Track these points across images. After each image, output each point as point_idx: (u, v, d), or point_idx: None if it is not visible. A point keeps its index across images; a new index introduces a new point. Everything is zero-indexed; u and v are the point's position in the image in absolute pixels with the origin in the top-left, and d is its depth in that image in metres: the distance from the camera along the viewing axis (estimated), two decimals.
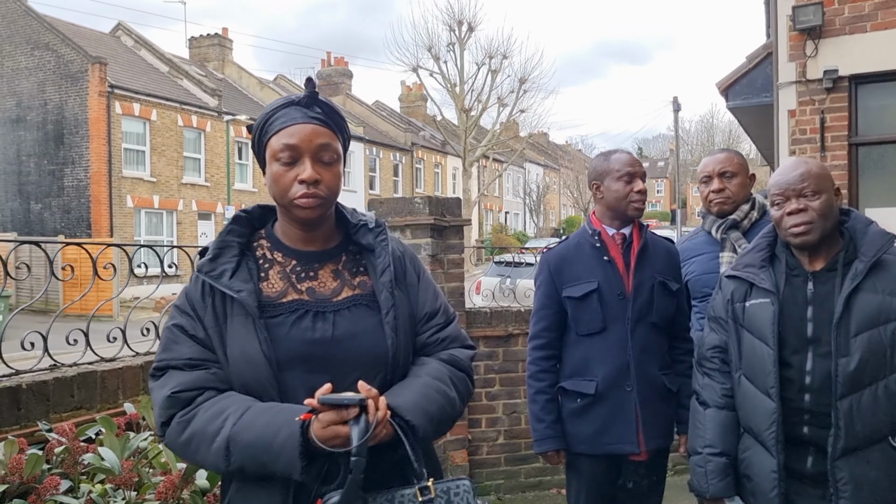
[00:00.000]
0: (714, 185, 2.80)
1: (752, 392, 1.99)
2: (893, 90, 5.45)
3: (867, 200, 5.47)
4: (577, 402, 2.50)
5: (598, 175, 2.57)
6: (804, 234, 1.90)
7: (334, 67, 36.83)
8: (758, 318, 1.97)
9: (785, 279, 1.98)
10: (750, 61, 6.33)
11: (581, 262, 2.53)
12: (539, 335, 2.59)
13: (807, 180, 1.91)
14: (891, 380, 1.86)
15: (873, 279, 1.87)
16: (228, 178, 21.21)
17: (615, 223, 2.55)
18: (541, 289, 2.60)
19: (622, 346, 2.47)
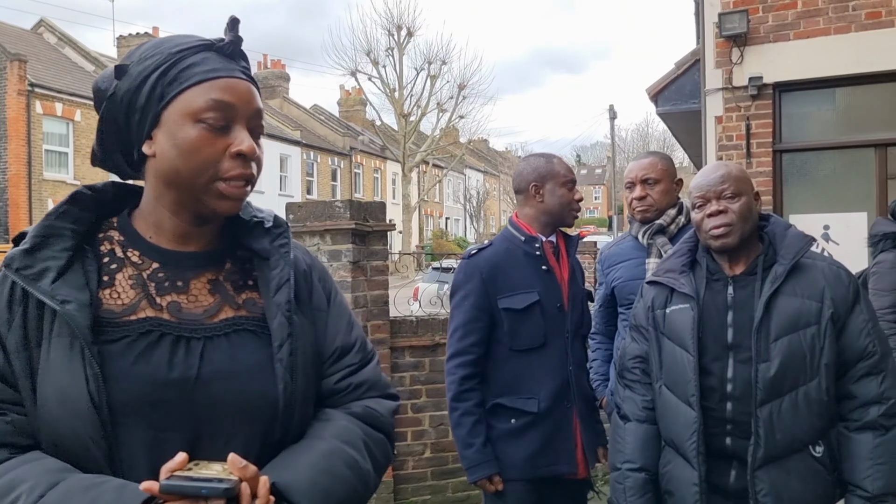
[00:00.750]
0: (636, 192, 2.72)
1: (674, 402, 1.91)
2: (815, 98, 5.54)
3: (791, 207, 5.54)
4: (511, 423, 2.30)
5: (539, 177, 2.39)
6: (723, 236, 1.85)
7: (270, 70, 36.14)
8: (678, 324, 1.91)
9: (705, 284, 1.93)
10: (678, 68, 6.36)
11: (517, 270, 2.34)
12: (467, 351, 2.33)
13: (727, 182, 1.87)
14: (810, 386, 1.81)
15: (793, 283, 1.84)
16: None
17: (547, 230, 2.41)
18: (469, 299, 2.34)
19: (562, 362, 2.34)
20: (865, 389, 1.82)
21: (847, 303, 1.84)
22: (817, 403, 1.80)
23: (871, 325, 1.85)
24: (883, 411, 1.80)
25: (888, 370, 1.85)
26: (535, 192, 2.39)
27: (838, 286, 1.85)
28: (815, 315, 1.82)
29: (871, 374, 1.83)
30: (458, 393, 2.32)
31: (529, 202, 2.41)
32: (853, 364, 1.84)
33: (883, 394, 1.82)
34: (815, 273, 1.87)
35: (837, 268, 1.90)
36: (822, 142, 5.50)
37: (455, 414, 2.32)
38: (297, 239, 4.52)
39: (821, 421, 1.81)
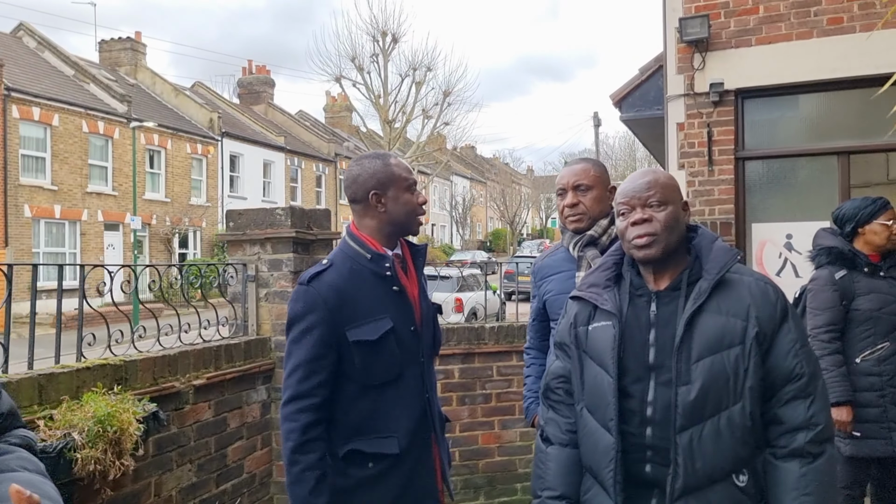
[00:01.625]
0: (568, 199, 2.59)
1: (593, 426, 1.79)
2: (778, 105, 5.44)
3: (753, 215, 5.43)
4: (368, 468, 2.02)
5: (380, 184, 2.08)
6: (647, 246, 1.74)
7: (256, 76, 36.00)
8: (599, 343, 1.80)
9: (629, 300, 1.81)
10: (643, 73, 6.26)
11: (365, 294, 2.03)
12: (310, 393, 1.97)
13: (653, 189, 1.77)
14: (734, 410, 1.68)
15: (717, 299, 1.72)
16: (135, 186, 20.23)
17: (392, 242, 2.12)
18: (312, 333, 1.98)
19: (419, 390, 2.11)
20: (793, 414, 1.70)
21: (774, 321, 1.73)
22: (741, 429, 1.67)
23: (799, 346, 1.73)
24: (810, 437, 1.68)
25: (817, 393, 1.73)
26: (376, 200, 2.08)
27: (765, 303, 1.73)
28: (740, 334, 1.70)
29: (798, 398, 1.71)
30: (299, 444, 1.95)
31: (370, 212, 2.09)
32: (780, 387, 1.72)
33: (811, 419, 1.70)
34: (741, 289, 1.75)
35: (765, 283, 1.78)
36: (785, 149, 5.39)
37: (295, 469, 1.94)
38: (237, 247, 4.40)
39: (745, 448, 1.69)
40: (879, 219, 3.37)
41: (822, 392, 1.74)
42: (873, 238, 3.37)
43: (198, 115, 27.83)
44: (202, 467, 3.54)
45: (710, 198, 5.41)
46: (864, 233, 3.40)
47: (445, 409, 4.82)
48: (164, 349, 3.50)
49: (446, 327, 4.82)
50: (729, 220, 5.30)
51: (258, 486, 4.01)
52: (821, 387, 1.74)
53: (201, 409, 3.53)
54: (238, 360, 3.86)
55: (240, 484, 3.85)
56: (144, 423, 2.85)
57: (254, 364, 3.94)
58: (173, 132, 25.45)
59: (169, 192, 25.27)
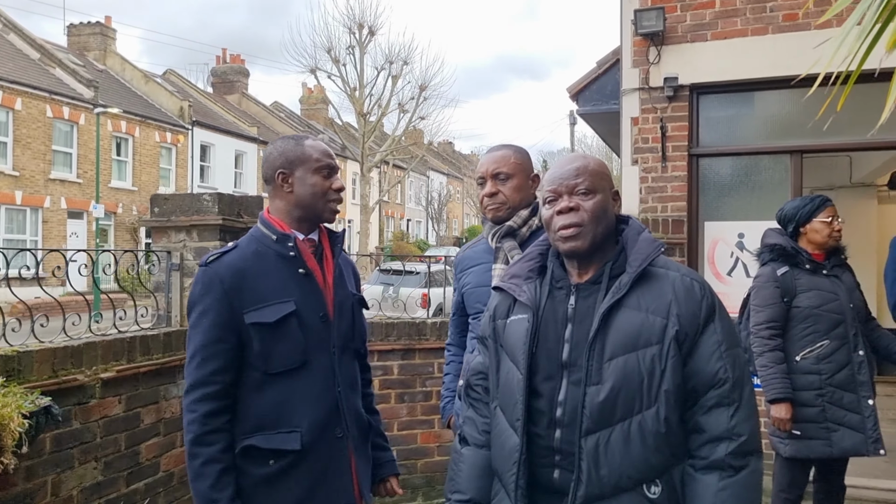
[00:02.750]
0: (487, 188, 2.45)
1: (503, 426, 1.67)
2: (733, 101, 5.34)
3: (706, 213, 5.33)
4: (269, 466, 1.89)
5: (287, 163, 1.99)
6: (573, 238, 1.63)
7: (230, 65, 35.51)
8: (513, 337, 1.69)
9: (548, 292, 1.69)
10: (600, 66, 6.14)
11: (267, 276, 1.93)
12: (209, 380, 1.86)
13: (581, 176, 1.66)
14: (646, 415, 1.54)
15: (638, 294, 1.60)
16: (98, 173, 19.79)
17: (304, 226, 2.02)
18: (208, 316, 1.88)
19: (329, 383, 1.97)
20: (715, 422, 1.56)
21: (697, 320, 1.59)
22: (653, 436, 1.54)
23: (724, 348, 1.59)
24: (732, 449, 1.54)
25: (742, 401, 1.58)
26: (282, 180, 1.99)
27: (688, 301, 1.59)
28: (658, 333, 1.57)
29: (721, 405, 1.57)
30: (200, 435, 1.84)
31: (279, 193, 2.01)
32: (703, 392, 1.57)
33: (733, 429, 1.56)
34: (665, 285, 1.62)
35: (691, 279, 1.64)
36: (739, 147, 5.29)
37: (196, 462, 1.83)
38: (162, 234, 4.20)
39: (658, 456, 1.55)
40: (819, 216, 3.34)
41: (748, 400, 1.59)
42: (815, 236, 3.35)
43: (168, 103, 27.35)
44: (110, 465, 3.34)
45: (663, 195, 5.30)
46: (805, 231, 3.38)
47: (382, 406, 4.69)
48: (68, 339, 3.30)
49: (385, 321, 4.66)
50: (681, 217, 5.19)
51: (177, 484, 3.81)
52: (747, 394, 1.60)
53: (110, 404, 3.33)
54: (156, 353, 3.66)
55: (154, 483, 3.65)
56: (33, 419, 2.66)
57: (174, 357, 3.75)
58: (142, 119, 24.99)
59: (136, 180, 24.81)
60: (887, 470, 4.67)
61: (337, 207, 2.04)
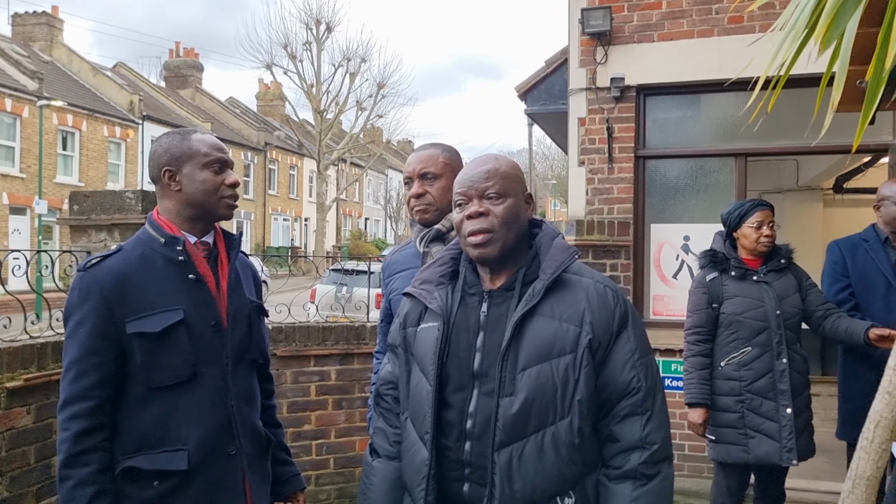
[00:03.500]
0: (414, 188, 2.32)
1: (413, 438, 1.61)
2: (679, 103, 5.32)
3: (652, 216, 5.30)
4: (153, 488, 1.75)
5: (174, 159, 1.85)
6: (482, 245, 1.56)
7: (183, 59, 34.78)
8: (423, 346, 1.62)
9: (460, 299, 1.63)
10: (548, 66, 6.07)
11: (154, 282, 1.79)
12: (84, 395, 1.72)
13: (492, 179, 1.59)
14: (560, 426, 1.51)
15: (552, 302, 1.56)
16: (40, 168, 19.13)
17: (197, 228, 1.88)
18: (85, 325, 1.73)
19: (220, 396, 1.83)
20: (629, 432, 1.55)
21: (610, 328, 1.55)
22: (567, 447, 1.51)
23: (637, 357, 1.56)
24: (645, 458, 1.53)
25: (654, 409, 1.56)
26: (169, 178, 1.86)
27: (601, 308, 1.56)
28: (572, 341, 1.53)
29: (635, 414, 1.55)
30: (72, 455, 1.69)
31: (167, 193, 1.87)
32: (616, 401, 1.56)
33: (646, 438, 1.54)
34: (578, 292, 1.57)
35: (605, 287, 1.59)
36: (685, 149, 5.27)
37: (67, 485, 1.68)
38: (81, 233, 3.97)
39: (571, 468, 1.52)
40: (747, 221, 3.31)
41: (661, 409, 1.58)
42: (744, 241, 3.34)
43: (117, 97, 26.62)
44: (17, 480, 3.12)
45: (610, 196, 5.25)
46: (738, 236, 3.35)
47: (320, 412, 4.53)
48: None
49: (323, 325, 4.50)
50: (627, 219, 5.14)
51: None
52: (659, 403, 1.58)
53: (17, 415, 3.11)
54: None
55: None
56: None
57: None
58: (89, 113, 24.26)
59: (83, 176, 24.08)
60: (828, 471, 4.68)
61: (233, 203, 1.90)
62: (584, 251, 4.93)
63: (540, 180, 45.08)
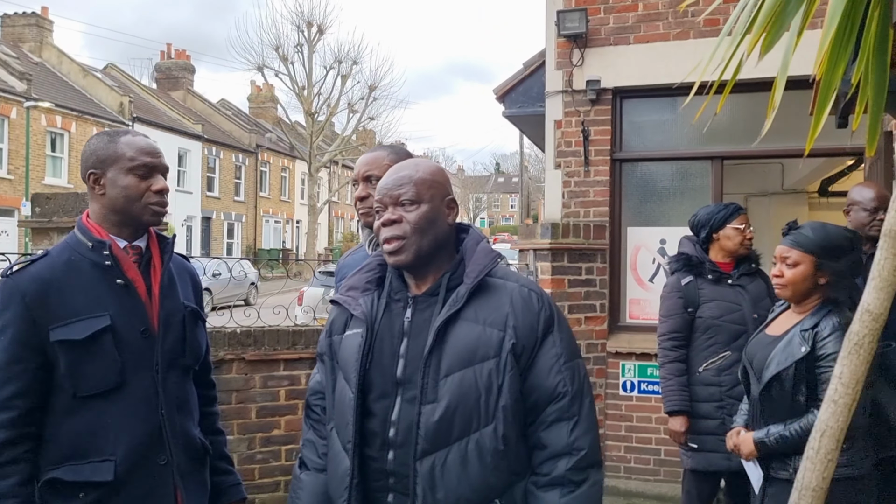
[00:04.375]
0: (359, 191, 2.29)
1: (337, 448, 1.59)
2: (655, 106, 5.29)
3: (629, 219, 5.27)
4: (79, 500, 1.71)
5: (99, 162, 1.82)
6: (395, 252, 1.56)
7: (174, 61, 34.68)
8: (346, 353, 1.61)
9: (385, 305, 1.61)
10: (526, 68, 6.04)
11: (79, 288, 1.75)
12: (5, 406, 1.68)
13: (406, 186, 1.58)
14: (484, 433, 1.49)
15: (475, 307, 1.54)
16: (27, 170, 19.02)
17: (125, 232, 1.84)
18: (6, 333, 1.71)
19: (150, 404, 1.79)
20: (556, 438, 1.53)
21: (534, 333, 1.53)
22: (492, 454, 1.49)
23: (562, 362, 1.54)
24: (572, 464, 1.51)
25: (581, 415, 1.54)
26: (94, 182, 1.82)
27: (525, 312, 1.55)
28: (496, 346, 1.51)
29: (562, 420, 1.53)
30: None
31: (93, 196, 1.84)
32: (543, 407, 1.54)
33: (573, 443, 1.51)
34: (502, 296, 1.55)
35: (529, 290, 1.57)
36: (661, 152, 5.25)
37: None
38: (43, 236, 3.91)
39: (498, 475, 1.50)
40: (732, 223, 3.30)
41: (588, 414, 1.57)
42: (727, 243, 3.30)
43: (107, 99, 26.51)
44: None
45: (586, 199, 5.22)
46: (718, 238, 3.34)
47: (290, 417, 4.47)
48: None
49: (293, 329, 4.45)
50: (604, 223, 5.11)
51: None
52: (586, 407, 1.56)
53: None
54: None
55: None
56: None
57: None
58: (78, 115, 24.16)
59: (72, 177, 23.95)
60: None
61: (159, 209, 1.84)
62: (560, 254, 4.89)
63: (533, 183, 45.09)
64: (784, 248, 2.47)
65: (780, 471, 2.41)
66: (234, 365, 4.19)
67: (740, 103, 5.06)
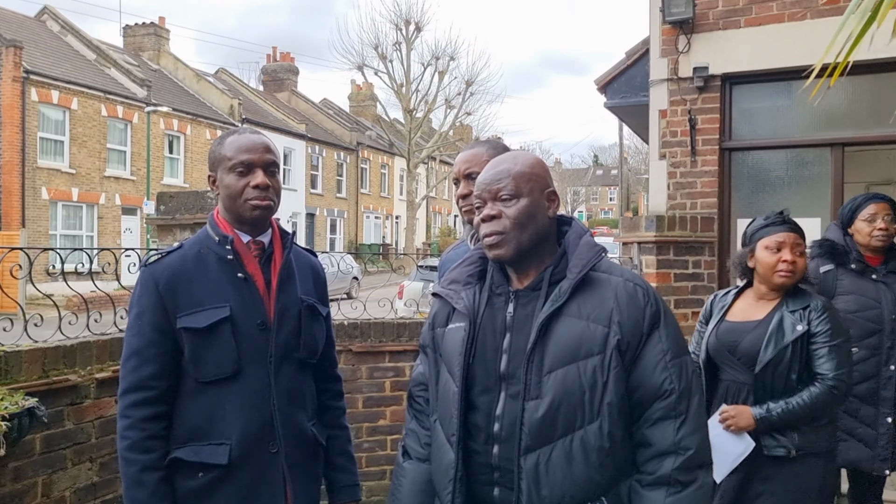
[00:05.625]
0: (460, 189, 2.30)
1: (441, 440, 1.60)
2: (768, 91, 5.04)
3: (739, 210, 5.04)
4: (197, 479, 1.81)
5: (212, 164, 1.93)
6: (495, 246, 1.55)
7: (280, 63, 36.02)
8: (450, 346, 1.61)
9: (487, 299, 1.61)
10: (629, 57, 5.89)
11: (205, 279, 1.85)
12: (143, 385, 1.80)
13: (504, 180, 1.57)
14: (589, 430, 1.47)
15: (579, 302, 1.52)
16: (148, 170, 20.26)
17: (244, 228, 1.91)
18: (143, 318, 1.82)
19: (263, 394, 1.86)
20: (661, 436, 1.49)
21: (640, 328, 1.50)
22: (597, 452, 1.47)
23: (669, 358, 1.50)
24: (679, 464, 1.48)
25: (689, 414, 1.49)
26: (212, 183, 1.94)
27: (631, 307, 1.51)
28: (600, 342, 1.48)
29: (668, 418, 1.49)
30: (137, 441, 1.77)
31: (217, 195, 1.96)
32: (649, 404, 1.50)
33: (679, 442, 1.48)
34: (607, 291, 1.52)
35: (635, 285, 1.54)
36: (774, 140, 5.00)
37: (133, 470, 1.76)
38: (167, 232, 4.16)
39: (603, 473, 1.48)
40: (860, 215, 3.08)
41: (696, 413, 1.52)
42: (858, 237, 3.10)
43: (219, 102, 27.86)
44: (106, 466, 3.32)
45: (693, 190, 5.05)
46: (852, 233, 3.12)
47: (395, 408, 4.58)
48: (64, 339, 3.28)
49: (397, 322, 4.55)
50: (711, 214, 4.93)
51: None
52: (694, 406, 1.51)
53: (106, 405, 3.30)
54: None
55: None
56: (14, 420, 2.63)
57: None
58: (193, 118, 25.51)
59: (188, 177, 25.34)
60: None
61: (260, 204, 1.87)
62: (666, 247, 4.75)
63: (632, 175, 43.95)
64: (796, 235, 2.53)
65: (775, 448, 2.44)
66: (341, 356, 4.31)
67: (863, 86, 4.75)
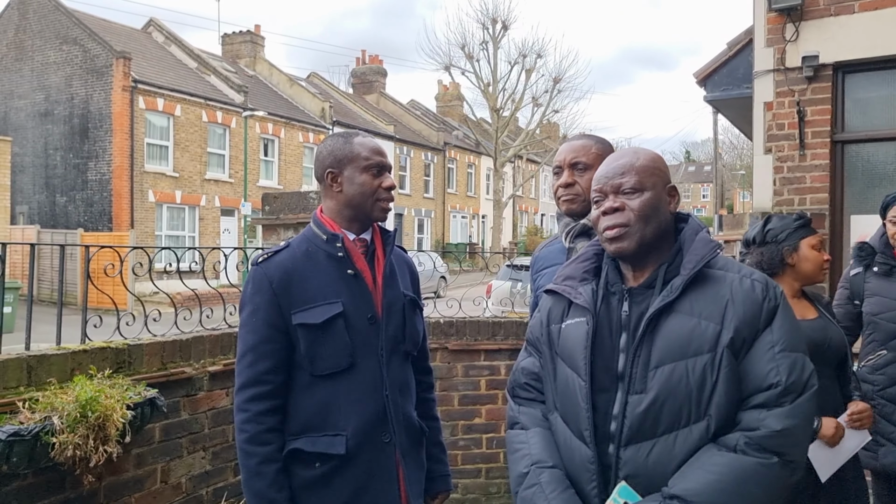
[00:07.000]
0: (563, 178, 2.26)
1: (568, 437, 1.57)
2: (886, 80, 4.74)
3: (853, 206, 4.77)
4: (315, 469, 1.87)
5: (336, 162, 1.96)
6: (617, 239, 1.53)
7: (369, 66, 36.74)
8: (570, 341, 1.58)
9: (602, 297, 1.59)
10: (730, 48, 5.67)
11: (316, 276, 1.91)
12: (260, 380, 1.86)
13: (628, 174, 1.56)
14: (694, 430, 1.43)
15: (691, 298, 1.49)
16: (246, 173, 21.06)
17: (355, 226, 1.98)
18: (258, 315, 1.88)
19: (376, 386, 1.91)
20: (749, 418, 1.42)
21: (756, 323, 1.45)
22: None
23: (777, 350, 1.44)
24: (751, 437, 1.40)
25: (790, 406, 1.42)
26: (331, 180, 1.97)
27: (747, 303, 1.46)
28: (711, 340, 1.44)
29: (764, 406, 1.42)
30: (255, 434, 1.84)
31: (329, 193, 1.99)
32: (751, 395, 1.44)
33: (763, 420, 1.41)
34: (721, 287, 1.49)
35: (752, 280, 1.50)
36: (892, 131, 4.70)
37: (252, 462, 1.83)
38: (272, 232, 4.32)
39: None
40: (888, 216, 3.01)
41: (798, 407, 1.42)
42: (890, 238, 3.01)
43: (311, 105, 28.68)
44: (217, 455, 3.47)
45: (801, 185, 4.81)
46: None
47: (490, 406, 4.58)
48: (180, 333, 3.45)
49: (493, 321, 4.55)
50: (822, 210, 4.68)
51: None
52: (801, 403, 1.42)
53: (217, 396, 3.46)
54: None
55: None
56: (137, 410, 2.79)
57: None
58: (286, 121, 26.35)
59: (282, 179, 26.20)
60: None
61: (387, 206, 1.98)
62: None
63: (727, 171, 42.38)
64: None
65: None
66: (437, 353, 4.35)
67: None
